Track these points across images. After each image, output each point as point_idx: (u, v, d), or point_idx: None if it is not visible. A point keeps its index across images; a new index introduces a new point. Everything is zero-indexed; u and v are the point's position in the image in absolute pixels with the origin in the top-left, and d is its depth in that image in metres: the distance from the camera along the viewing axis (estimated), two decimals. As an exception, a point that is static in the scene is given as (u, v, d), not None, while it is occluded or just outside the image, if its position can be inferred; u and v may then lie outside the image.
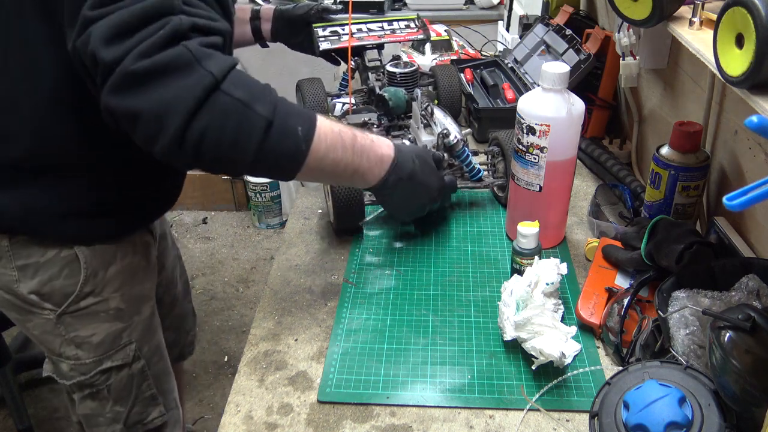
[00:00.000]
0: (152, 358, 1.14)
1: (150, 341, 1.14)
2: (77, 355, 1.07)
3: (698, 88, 1.14)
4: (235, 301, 2.66)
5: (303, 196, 1.39)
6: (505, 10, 2.12)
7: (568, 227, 1.24)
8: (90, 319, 1.05)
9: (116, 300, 1.06)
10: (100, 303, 1.05)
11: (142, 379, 1.13)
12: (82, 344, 1.06)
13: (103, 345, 1.07)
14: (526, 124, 1.06)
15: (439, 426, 0.86)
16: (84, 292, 1.03)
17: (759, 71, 0.66)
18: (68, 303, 1.02)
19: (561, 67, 1.04)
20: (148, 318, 1.13)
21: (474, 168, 1.25)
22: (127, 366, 1.10)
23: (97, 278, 1.04)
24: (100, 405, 1.11)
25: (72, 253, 1.00)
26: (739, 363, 0.68)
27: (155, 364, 1.15)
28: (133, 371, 1.11)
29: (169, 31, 0.71)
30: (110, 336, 1.07)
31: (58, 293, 1.02)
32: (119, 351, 1.09)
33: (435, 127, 1.26)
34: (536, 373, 0.91)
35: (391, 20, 1.61)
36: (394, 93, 1.36)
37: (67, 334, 1.05)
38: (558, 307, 0.98)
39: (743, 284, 0.83)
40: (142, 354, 1.12)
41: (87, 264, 1.01)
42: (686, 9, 0.92)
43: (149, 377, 1.14)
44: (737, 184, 1.05)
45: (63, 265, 1.00)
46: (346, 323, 1.03)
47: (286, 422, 0.87)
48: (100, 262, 1.03)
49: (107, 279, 1.05)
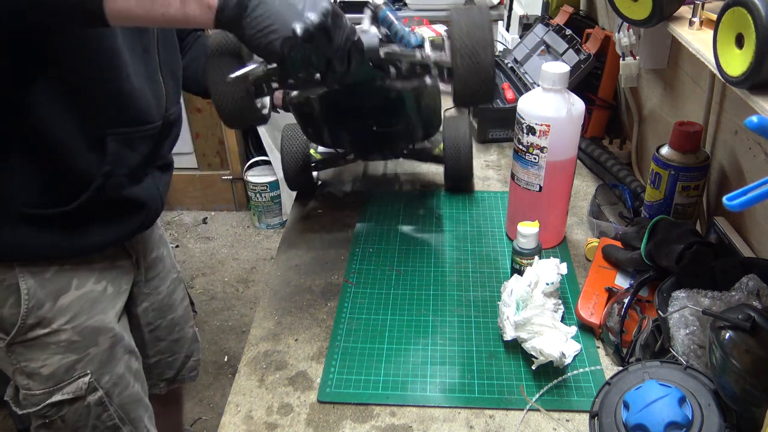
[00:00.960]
0: (114, 388, 1.09)
1: (111, 371, 1.08)
2: (28, 385, 1.03)
3: (698, 88, 1.14)
4: (235, 301, 2.67)
5: (303, 196, 1.39)
6: (505, 10, 2.12)
7: (568, 227, 1.24)
8: (40, 350, 1.01)
9: (68, 332, 1.02)
10: (50, 335, 1.00)
11: (101, 410, 1.08)
12: (33, 375, 1.02)
13: (54, 377, 1.03)
14: (526, 124, 1.06)
15: (439, 426, 0.86)
16: (28, 324, 0.99)
17: (759, 71, 0.66)
18: (14, 333, 0.99)
19: (561, 67, 1.04)
20: (108, 349, 1.07)
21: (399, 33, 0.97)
22: (81, 399, 1.05)
23: (43, 309, 0.99)
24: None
25: (15, 282, 0.96)
26: (739, 363, 0.68)
27: (120, 394, 1.10)
28: (89, 402, 1.06)
29: None
30: (62, 368, 1.03)
31: (5, 322, 0.98)
32: (71, 383, 1.04)
33: None
34: (536, 373, 0.91)
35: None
36: None
37: (18, 363, 1.02)
38: (558, 307, 0.98)
39: (743, 284, 0.83)
40: (99, 385, 1.07)
41: (30, 295, 0.97)
42: (686, 9, 0.92)
43: (110, 407, 1.09)
44: (737, 184, 1.05)
45: (6, 294, 0.96)
46: (346, 323, 1.03)
47: (286, 422, 0.87)
48: (49, 291, 0.98)
49: (57, 310, 1.00)
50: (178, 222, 3.18)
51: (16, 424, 1.94)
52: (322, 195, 1.38)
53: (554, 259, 0.99)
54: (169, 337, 1.33)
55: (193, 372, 1.43)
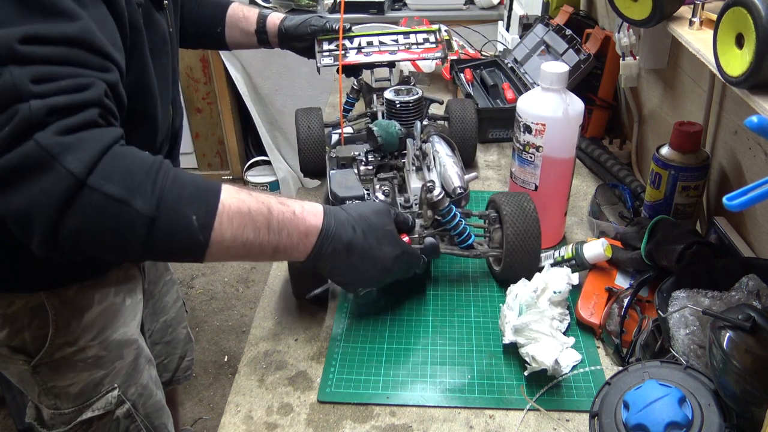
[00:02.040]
0: (140, 399, 1.09)
1: (136, 382, 1.08)
2: (56, 404, 1.01)
3: (698, 88, 1.14)
4: (235, 301, 2.66)
5: (303, 196, 1.39)
6: (505, 10, 2.12)
7: (567, 227, 1.24)
8: (67, 368, 0.99)
9: (95, 348, 1.00)
10: (77, 353, 0.98)
11: (129, 422, 1.07)
12: (61, 394, 1.00)
13: (83, 395, 1.01)
14: (523, 123, 1.07)
15: (439, 426, 0.86)
16: (56, 343, 0.96)
17: (759, 71, 0.66)
18: (42, 354, 0.96)
19: (559, 66, 1.04)
20: (133, 361, 1.07)
21: (463, 233, 1.04)
22: (110, 413, 1.04)
23: (71, 328, 0.96)
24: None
25: (40, 303, 0.93)
26: (739, 363, 0.68)
27: (144, 404, 1.10)
28: (118, 416, 1.05)
29: (17, 124, 0.60)
30: (90, 385, 1.01)
31: (30, 345, 0.96)
32: (100, 399, 1.03)
33: (427, 174, 1.11)
34: (536, 373, 0.91)
35: (407, 32, 1.39)
36: (385, 127, 1.17)
37: (44, 384, 1.00)
38: (564, 317, 0.98)
39: (743, 284, 0.83)
40: (126, 397, 1.06)
41: (56, 315, 0.94)
42: (686, 9, 0.92)
43: (138, 418, 1.09)
44: (737, 184, 1.05)
45: (31, 316, 0.94)
46: (346, 323, 1.03)
47: (286, 422, 0.87)
48: (73, 310, 0.96)
49: (83, 327, 0.98)
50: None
51: (16, 424, 1.94)
52: (323, 195, 1.38)
53: (567, 268, 0.99)
54: (162, 339, 1.32)
55: (188, 371, 1.42)
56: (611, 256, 1.04)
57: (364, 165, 1.19)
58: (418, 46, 1.35)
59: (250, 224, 0.72)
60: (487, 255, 1.07)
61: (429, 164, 1.13)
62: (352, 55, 1.33)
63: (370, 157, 1.20)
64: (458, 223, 1.03)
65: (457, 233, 1.04)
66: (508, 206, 1.03)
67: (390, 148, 1.19)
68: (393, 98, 1.27)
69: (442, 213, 1.02)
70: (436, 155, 1.13)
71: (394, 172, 1.19)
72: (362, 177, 1.17)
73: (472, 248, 1.05)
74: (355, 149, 1.23)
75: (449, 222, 1.03)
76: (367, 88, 1.43)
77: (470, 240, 1.05)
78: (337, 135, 1.32)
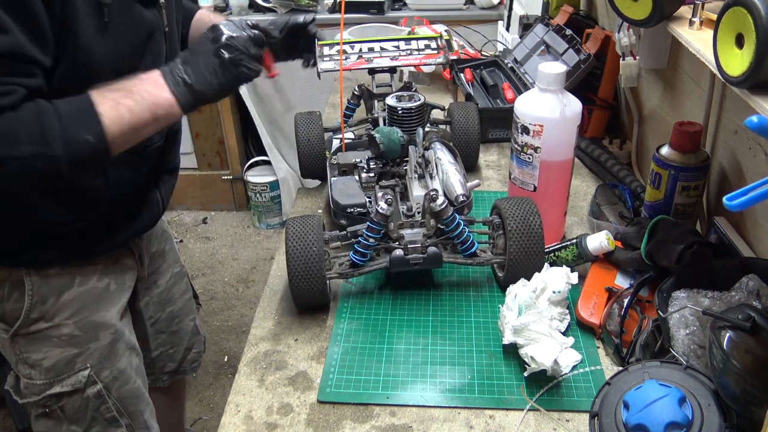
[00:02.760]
0: (114, 382, 1.12)
1: (112, 366, 1.11)
2: (30, 374, 1.07)
3: (698, 88, 1.14)
4: (235, 301, 2.66)
5: (303, 196, 1.39)
6: (505, 10, 2.12)
7: (567, 227, 1.24)
8: (41, 342, 1.04)
9: (69, 327, 1.05)
10: (52, 329, 1.04)
11: (99, 402, 1.11)
12: (34, 365, 1.06)
13: (55, 369, 1.06)
14: (521, 124, 1.07)
15: (439, 426, 0.86)
16: (31, 318, 1.02)
17: (759, 71, 0.66)
18: (18, 326, 1.03)
19: (557, 67, 1.04)
20: (109, 344, 1.10)
21: (466, 241, 1.05)
22: (80, 391, 1.08)
23: (47, 305, 1.02)
24: (56, 424, 1.10)
25: (20, 278, 1.00)
26: (739, 363, 0.68)
27: (119, 388, 1.13)
28: (88, 395, 1.09)
29: None
30: (62, 361, 1.06)
31: (9, 315, 1.02)
32: (71, 376, 1.07)
33: (430, 182, 1.11)
34: (536, 373, 0.91)
35: (408, 38, 1.39)
36: (387, 134, 1.18)
37: (20, 354, 1.06)
38: (564, 317, 0.98)
39: (743, 284, 0.83)
40: (99, 379, 1.09)
41: (34, 291, 1.01)
42: (686, 9, 0.92)
43: (109, 400, 1.12)
44: (737, 184, 1.05)
45: (11, 289, 1.00)
46: (346, 323, 1.03)
47: (286, 422, 0.87)
48: (52, 288, 1.02)
49: (60, 305, 1.03)
50: (178, 222, 3.18)
51: (16, 424, 1.94)
52: (323, 195, 1.38)
53: (565, 267, 0.99)
54: (168, 329, 1.35)
55: (195, 363, 1.45)
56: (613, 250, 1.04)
57: (366, 172, 1.19)
58: (420, 52, 1.36)
59: (124, 111, 0.85)
60: (491, 263, 1.07)
61: (431, 172, 1.13)
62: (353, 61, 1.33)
63: (372, 164, 1.20)
64: (461, 232, 1.03)
65: (460, 242, 1.04)
66: (512, 220, 1.03)
67: (392, 155, 1.19)
68: (395, 104, 1.27)
69: (446, 222, 1.02)
70: (439, 162, 1.13)
71: (396, 179, 1.19)
72: (364, 184, 1.17)
73: (476, 256, 1.06)
74: (356, 156, 1.22)
75: (452, 231, 1.03)
76: (368, 93, 1.42)
77: (473, 248, 1.05)
78: (338, 140, 1.32)
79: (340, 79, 1.22)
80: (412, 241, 1.03)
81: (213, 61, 0.90)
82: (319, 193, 1.38)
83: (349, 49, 1.34)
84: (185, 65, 0.90)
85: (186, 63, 0.90)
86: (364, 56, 1.34)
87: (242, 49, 0.91)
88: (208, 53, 0.90)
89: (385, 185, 1.17)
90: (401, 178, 1.19)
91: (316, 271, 0.98)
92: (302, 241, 0.99)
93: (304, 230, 1.00)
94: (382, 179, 1.19)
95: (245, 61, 0.92)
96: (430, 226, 1.05)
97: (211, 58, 0.90)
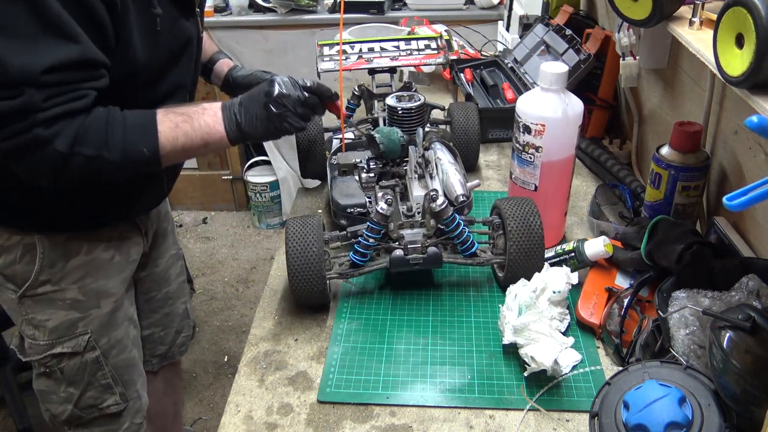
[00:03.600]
0: (111, 350, 1.18)
1: (110, 334, 1.17)
2: (34, 335, 1.14)
3: (698, 88, 1.14)
4: (235, 301, 2.66)
5: (303, 196, 1.39)
6: (505, 10, 2.12)
7: (567, 227, 1.24)
8: (47, 305, 1.11)
9: (74, 291, 1.12)
10: (57, 292, 1.11)
11: (96, 368, 1.17)
12: (39, 326, 1.13)
13: (57, 331, 1.13)
14: (522, 123, 1.07)
15: (439, 426, 0.86)
16: (39, 280, 1.09)
17: (759, 71, 0.66)
18: (26, 287, 1.09)
19: (559, 67, 1.04)
20: (109, 313, 1.16)
21: (466, 241, 1.05)
22: (79, 354, 1.15)
23: (55, 269, 1.09)
24: (55, 384, 1.17)
25: (32, 242, 1.07)
26: (739, 363, 0.68)
27: (115, 356, 1.19)
28: (86, 359, 1.16)
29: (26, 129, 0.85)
30: (65, 324, 1.13)
31: (19, 277, 1.09)
32: (72, 339, 1.14)
33: (430, 182, 1.12)
34: (536, 373, 0.91)
35: (408, 38, 1.40)
36: (387, 134, 1.18)
37: (26, 315, 1.12)
38: (564, 317, 0.98)
39: (743, 284, 0.83)
40: (98, 345, 1.16)
41: (44, 254, 1.07)
42: (686, 9, 0.92)
43: (105, 367, 1.18)
44: (737, 184, 1.05)
45: (23, 251, 1.07)
46: (346, 323, 1.03)
47: (286, 422, 0.87)
48: (61, 253, 1.09)
49: (67, 270, 1.10)
50: (178, 222, 3.18)
51: (16, 424, 1.94)
52: (323, 195, 1.38)
53: (565, 267, 0.99)
54: (161, 309, 1.40)
55: (183, 347, 1.51)
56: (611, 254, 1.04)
57: (366, 172, 1.19)
58: (420, 52, 1.36)
59: (180, 134, 0.96)
60: (491, 263, 1.07)
61: (431, 172, 1.13)
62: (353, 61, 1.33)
63: (372, 164, 1.20)
64: (461, 232, 1.04)
65: (460, 242, 1.05)
66: (512, 220, 1.03)
67: (392, 156, 1.19)
68: (395, 105, 1.27)
69: (446, 222, 1.02)
70: (439, 162, 1.13)
71: (396, 179, 1.19)
72: (364, 185, 1.17)
73: (476, 256, 1.06)
74: (356, 156, 1.22)
75: (452, 231, 1.03)
76: (368, 93, 1.42)
77: (473, 248, 1.05)
78: (337, 140, 1.32)
79: (340, 79, 1.22)
80: (412, 241, 1.03)
81: (262, 112, 0.99)
82: (319, 193, 1.38)
83: (349, 49, 1.35)
84: (241, 107, 1.00)
85: (242, 105, 1.00)
86: (364, 56, 1.34)
87: (289, 107, 1.00)
88: (260, 104, 0.99)
89: (385, 185, 1.17)
90: (401, 178, 1.19)
91: (316, 271, 0.99)
92: (302, 241, 1.00)
93: (304, 230, 1.01)
94: (382, 179, 1.19)
95: (290, 118, 1.01)
96: (430, 226, 1.05)
97: (261, 110, 0.99)
